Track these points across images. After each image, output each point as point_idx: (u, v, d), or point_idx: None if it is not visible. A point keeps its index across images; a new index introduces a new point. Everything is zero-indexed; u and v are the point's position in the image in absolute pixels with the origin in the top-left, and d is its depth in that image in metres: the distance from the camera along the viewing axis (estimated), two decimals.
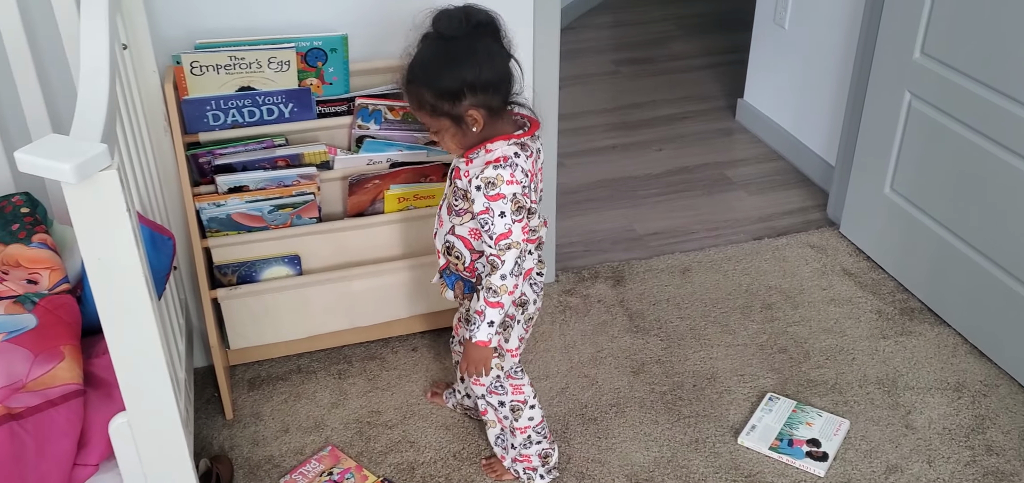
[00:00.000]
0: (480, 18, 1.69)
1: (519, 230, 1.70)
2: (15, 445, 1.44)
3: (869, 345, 2.44)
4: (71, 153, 1.29)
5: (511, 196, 1.69)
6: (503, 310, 1.74)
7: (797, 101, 3.34)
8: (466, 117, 1.69)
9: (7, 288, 1.72)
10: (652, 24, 4.85)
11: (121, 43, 1.93)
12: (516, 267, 1.72)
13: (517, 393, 1.96)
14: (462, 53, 1.66)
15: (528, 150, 1.74)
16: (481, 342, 1.76)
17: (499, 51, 1.70)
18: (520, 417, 1.98)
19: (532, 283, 1.88)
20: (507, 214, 1.69)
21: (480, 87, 1.66)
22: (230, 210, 2.13)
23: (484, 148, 1.72)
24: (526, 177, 1.71)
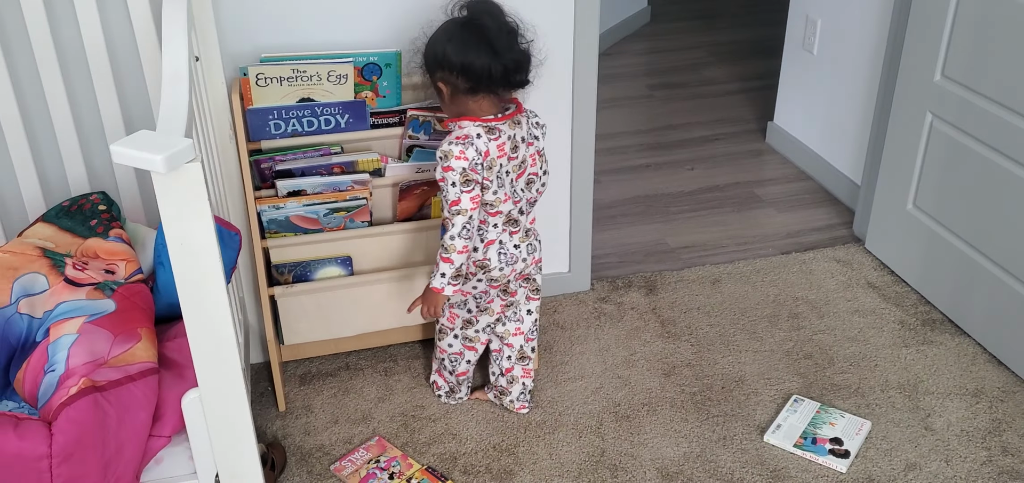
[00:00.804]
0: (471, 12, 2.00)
1: (467, 200, 1.98)
2: (98, 413, 1.58)
3: (891, 353, 2.53)
4: (161, 147, 1.45)
5: (459, 170, 1.97)
6: (454, 265, 2.04)
7: (825, 123, 3.46)
8: (438, 87, 2.03)
9: (87, 277, 1.88)
10: (686, 51, 4.99)
11: (194, 55, 2.10)
12: (464, 230, 2.01)
13: (450, 320, 2.29)
14: (442, 35, 2.00)
15: (495, 133, 2.00)
16: (434, 288, 2.07)
17: (474, 43, 1.95)
18: (442, 338, 2.32)
19: (501, 252, 2.12)
20: (457, 185, 1.97)
21: (446, 65, 1.98)
22: (288, 213, 2.28)
23: (457, 125, 2.00)
24: (480, 156, 1.98)
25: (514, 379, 2.31)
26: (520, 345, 2.29)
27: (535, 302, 2.29)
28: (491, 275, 2.14)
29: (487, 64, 1.96)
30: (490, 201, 2.05)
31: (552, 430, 2.28)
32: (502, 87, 2.01)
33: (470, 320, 2.27)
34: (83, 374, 1.63)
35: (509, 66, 1.98)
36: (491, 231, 2.09)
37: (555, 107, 2.56)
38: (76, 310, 1.78)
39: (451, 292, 2.07)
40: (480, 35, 1.96)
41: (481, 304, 2.24)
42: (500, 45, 1.96)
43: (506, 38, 1.98)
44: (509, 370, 2.31)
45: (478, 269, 2.12)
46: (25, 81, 2.12)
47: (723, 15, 5.60)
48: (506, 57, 1.97)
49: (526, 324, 2.28)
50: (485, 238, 2.09)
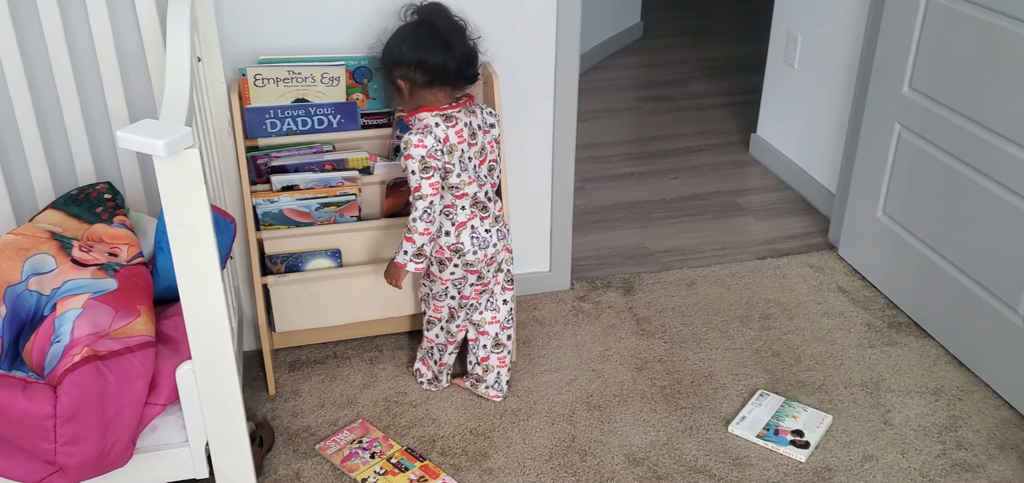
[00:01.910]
0: (421, 14, 2.22)
1: (427, 185, 2.15)
2: (100, 379, 1.71)
3: (857, 353, 2.66)
4: (163, 133, 1.58)
5: (418, 158, 2.14)
6: (416, 245, 2.21)
7: (804, 134, 3.59)
8: (397, 84, 2.22)
9: (92, 258, 2.01)
10: (674, 65, 5.13)
11: (196, 56, 2.23)
12: (425, 214, 2.17)
13: (436, 312, 2.42)
14: (398, 36, 2.22)
15: (452, 121, 2.19)
16: (397, 262, 2.25)
17: (428, 40, 2.16)
18: (430, 329, 2.46)
19: (473, 236, 2.27)
20: (416, 172, 2.15)
21: (404, 63, 2.18)
22: (282, 206, 2.41)
23: (417, 118, 2.18)
24: (438, 143, 2.15)
25: (489, 367, 2.44)
26: (495, 333, 2.42)
27: (510, 292, 2.43)
28: (466, 259, 2.28)
29: (441, 58, 2.17)
30: (455, 184, 2.22)
31: (526, 417, 2.40)
32: (455, 80, 2.21)
33: (453, 314, 2.40)
34: (86, 344, 1.76)
35: (461, 59, 2.19)
36: (460, 213, 2.25)
37: (538, 115, 2.70)
38: (81, 287, 1.92)
39: (413, 268, 2.24)
40: (433, 32, 2.18)
41: (462, 290, 2.36)
42: (452, 39, 2.19)
43: (456, 34, 2.20)
44: (485, 359, 2.43)
45: (453, 254, 2.26)
46: (39, 77, 2.25)
47: (714, 32, 5.74)
48: (457, 50, 2.19)
49: (502, 313, 2.41)
50: (456, 221, 2.25)
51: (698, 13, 6.16)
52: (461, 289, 2.36)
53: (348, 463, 2.23)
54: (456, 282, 2.34)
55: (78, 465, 1.69)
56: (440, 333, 2.44)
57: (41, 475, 1.70)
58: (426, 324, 2.45)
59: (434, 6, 2.26)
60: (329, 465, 2.24)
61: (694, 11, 6.19)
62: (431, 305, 2.41)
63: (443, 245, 2.26)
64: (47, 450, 1.66)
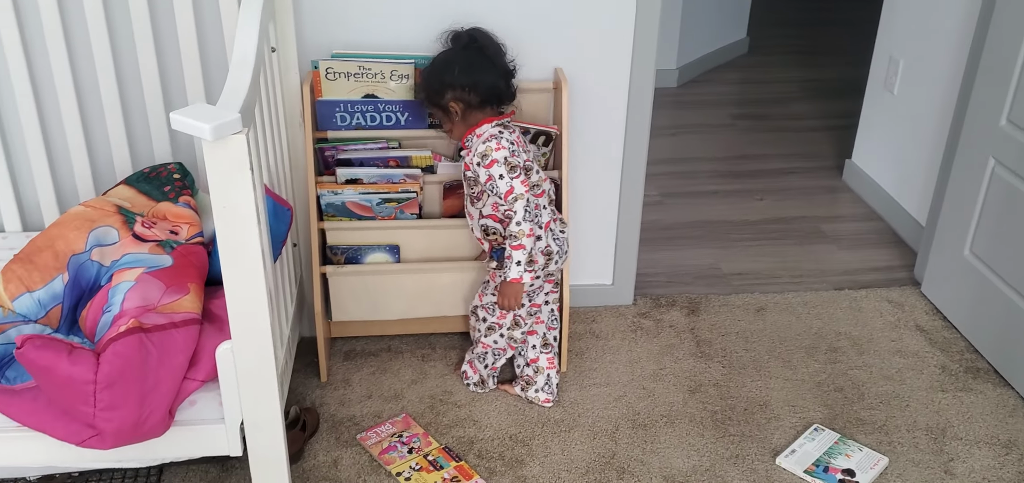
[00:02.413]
0: (467, 39, 2.25)
1: (519, 184, 2.16)
2: (141, 351, 1.78)
3: (926, 395, 2.52)
4: (212, 117, 1.64)
5: (502, 159, 2.15)
6: (526, 250, 2.19)
7: (899, 163, 3.43)
8: (448, 107, 2.23)
9: (153, 234, 2.10)
10: (776, 84, 4.99)
11: (271, 46, 2.30)
12: (527, 213, 2.16)
13: (500, 318, 2.41)
14: (445, 61, 2.25)
15: (510, 128, 2.24)
16: (514, 279, 2.21)
17: (478, 62, 2.20)
18: (490, 335, 2.43)
19: (555, 237, 2.28)
20: (505, 175, 2.16)
21: (457, 85, 2.21)
22: (345, 199, 2.46)
23: (475, 135, 2.19)
24: (512, 144, 2.19)
25: (539, 369, 2.44)
26: (543, 333, 2.43)
27: (554, 294, 2.45)
28: (549, 269, 2.30)
29: (494, 78, 2.22)
30: (536, 181, 2.25)
31: (568, 428, 2.38)
32: (503, 98, 2.25)
33: (519, 321, 2.40)
34: (133, 316, 1.84)
35: (508, 79, 2.25)
36: (544, 213, 2.28)
37: (610, 127, 2.68)
38: (138, 261, 2.01)
39: (529, 279, 2.23)
40: (481, 54, 2.23)
41: (534, 298, 2.39)
42: (499, 62, 2.24)
43: (500, 55, 2.26)
44: (534, 360, 2.44)
45: (545, 259, 2.27)
46: (123, 61, 2.37)
47: (822, 52, 5.56)
48: (503, 70, 2.24)
49: (545, 312, 2.43)
50: (541, 222, 2.27)
51: (808, 32, 5.99)
52: (533, 297, 2.38)
53: (386, 455, 2.27)
54: (530, 292, 2.35)
55: (115, 431, 1.76)
56: (499, 339, 2.44)
57: (83, 437, 1.78)
58: (486, 329, 2.45)
59: (476, 29, 2.30)
60: (367, 456, 2.27)
61: (804, 30, 6.01)
62: (496, 311, 2.41)
63: (536, 251, 2.27)
64: (87, 413, 1.75)
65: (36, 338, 1.73)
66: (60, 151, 2.46)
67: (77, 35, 2.33)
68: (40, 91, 2.38)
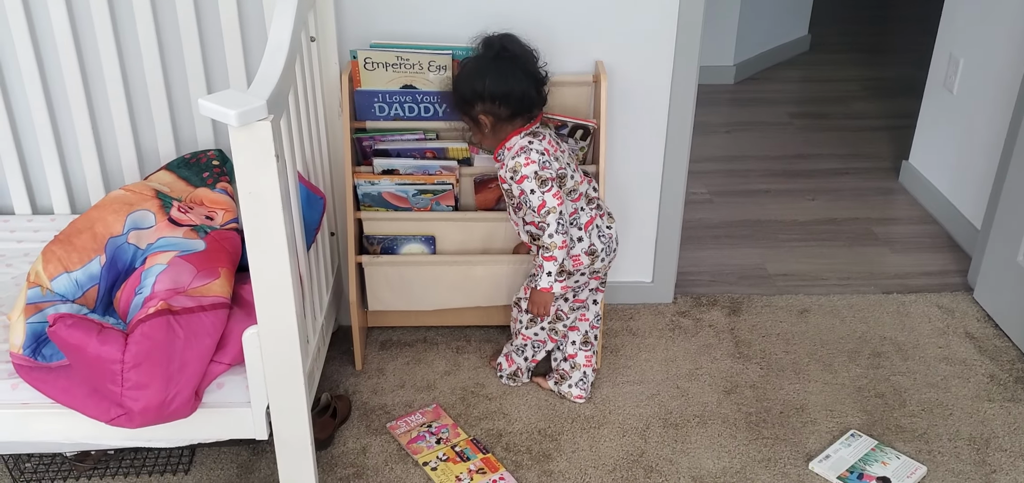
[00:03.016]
0: (499, 47, 2.17)
1: (551, 198, 2.13)
2: (169, 333, 1.82)
3: (971, 405, 2.44)
4: (238, 103, 1.66)
5: (532, 174, 2.11)
6: (557, 262, 2.17)
7: (956, 165, 3.32)
8: (479, 119, 2.19)
9: (189, 219, 2.14)
10: (837, 83, 4.87)
11: (310, 36, 2.33)
12: (559, 226, 2.14)
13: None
14: (476, 71, 2.19)
15: (540, 135, 2.19)
16: (543, 288, 2.21)
17: (510, 72, 2.14)
18: (530, 328, 2.41)
19: (599, 235, 2.25)
20: (536, 190, 2.11)
21: (488, 97, 2.16)
22: (382, 189, 2.48)
23: (506, 148, 2.16)
24: (543, 155, 2.15)
25: (576, 365, 2.42)
26: (585, 330, 2.41)
27: (601, 293, 2.42)
28: (594, 267, 2.27)
29: (525, 88, 2.17)
30: (571, 187, 2.22)
31: (598, 425, 2.36)
32: (534, 107, 2.21)
33: (561, 316, 2.39)
34: (163, 298, 1.88)
35: (539, 87, 2.20)
36: (583, 214, 2.25)
37: (652, 124, 2.65)
38: (172, 245, 2.05)
39: (559, 289, 2.23)
40: (512, 64, 2.17)
41: (578, 296, 2.37)
42: (530, 68, 2.19)
43: (531, 62, 2.20)
44: (572, 356, 2.42)
45: (589, 258, 2.25)
46: (169, 49, 2.42)
47: (885, 51, 5.41)
48: (535, 78, 2.19)
49: (591, 311, 2.41)
50: (581, 222, 2.24)
51: (872, 30, 5.82)
52: (578, 293, 2.37)
53: (414, 445, 2.28)
54: (575, 288, 2.34)
55: (141, 410, 1.81)
56: (540, 331, 2.43)
57: (111, 415, 1.83)
58: (528, 321, 2.43)
59: (507, 36, 2.24)
60: (396, 445, 2.29)
61: (868, 27, 5.85)
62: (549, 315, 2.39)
63: (579, 252, 2.26)
64: (115, 392, 1.79)
65: (67, 317, 1.78)
66: (107, 137, 2.53)
67: (124, 23, 2.39)
68: (89, 78, 2.45)
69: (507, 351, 2.51)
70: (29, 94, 2.44)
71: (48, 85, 2.46)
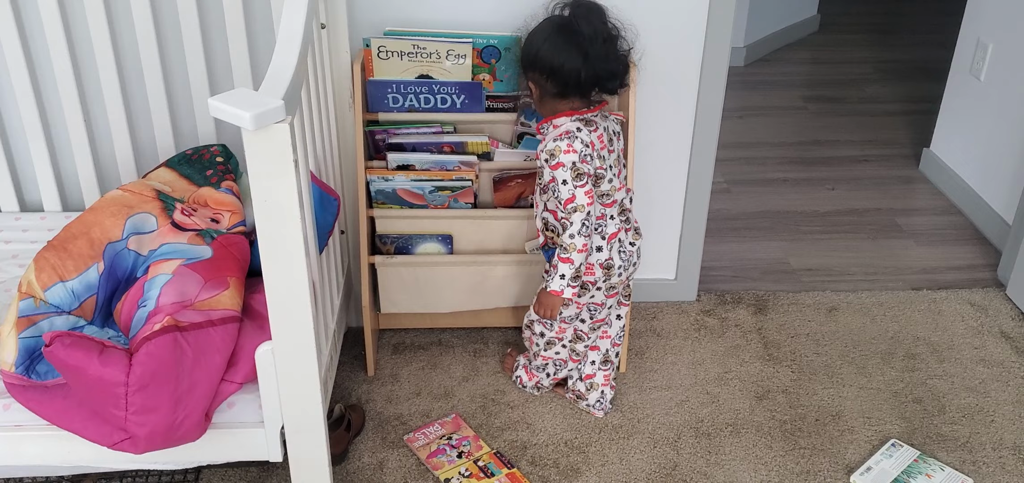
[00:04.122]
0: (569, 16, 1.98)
1: (582, 195, 1.95)
2: (176, 351, 1.68)
3: (1013, 411, 2.33)
4: (253, 104, 1.52)
5: (570, 164, 1.93)
6: (574, 265, 1.99)
7: (984, 156, 3.21)
8: (530, 86, 2.05)
9: (193, 222, 1.99)
10: (850, 65, 4.74)
11: (320, 23, 2.18)
12: (583, 227, 1.96)
13: (560, 333, 2.22)
14: (540, 34, 2.01)
15: (592, 125, 2.00)
16: (553, 291, 2.03)
17: (567, 49, 1.95)
18: (550, 348, 2.26)
19: (620, 250, 2.08)
20: (569, 181, 1.95)
21: (537, 66, 2.00)
22: (396, 185, 2.34)
23: (552, 125, 1.98)
24: (587, 148, 1.97)
25: (593, 385, 2.29)
26: (606, 349, 2.27)
27: (625, 308, 2.27)
28: (611, 282, 2.11)
29: (577, 70, 1.97)
30: (606, 190, 2.04)
31: (627, 436, 2.24)
32: (588, 90, 2.02)
33: (581, 335, 2.24)
34: (169, 313, 1.74)
35: (601, 74, 1.99)
36: (610, 224, 2.08)
37: (679, 116, 2.51)
38: (176, 252, 1.90)
39: (570, 294, 2.04)
40: (576, 40, 1.96)
41: (596, 316, 2.20)
42: (594, 52, 1.96)
43: (601, 46, 1.98)
44: (590, 376, 2.29)
45: (604, 272, 2.08)
46: (167, 35, 2.26)
47: (898, 31, 5.28)
48: (598, 65, 1.98)
49: (614, 329, 2.26)
50: (607, 232, 2.07)
51: (883, 9, 5.68)
52: (595, 314, 2.20)
53: (434, 459, 2.15)
54: (593, 308, 2.18)
55: (148, 435, 1.67)
56: (561, 350, 2.28)
57: (114, 440, 1.69)
58: (545, 344, 2.27)
59: (586, 6, 2.01)
60: (414, 459, 2.16)
61: (879, 6, 5.71)
62: (554, 326, 2.23)
63: (594, 262, 2.08)
64: (118, 416, 1.65)
65: (65, 336, 1.63)
66: (101, 129, 2.37)
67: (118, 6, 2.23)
68: (79, 64, 2.28)
69: (525, 364, 2.36)
70: (15, 81, 2.26)
71: (35, 72, 2.29)
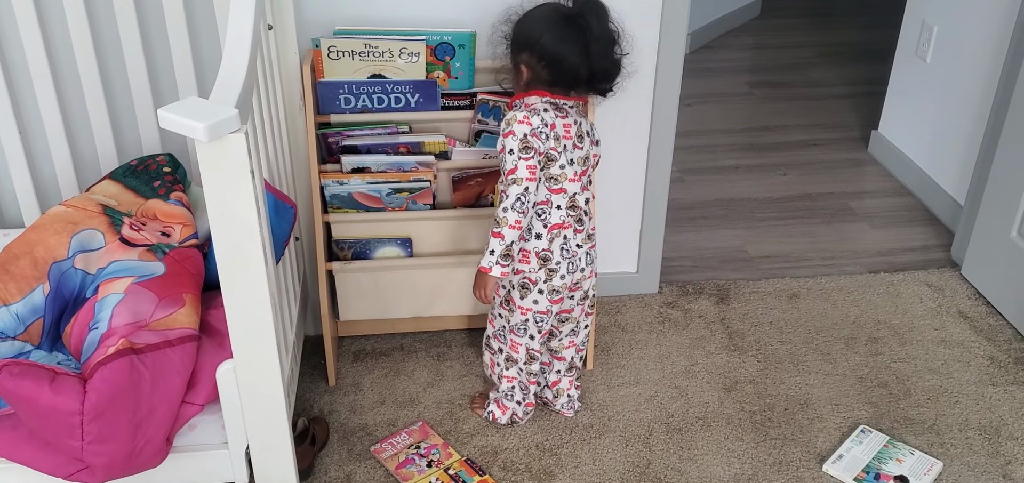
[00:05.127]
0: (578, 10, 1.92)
1: (524, 167, 1.90)
2: (133, 376, 1.59)
3: (976, 390, 2.36)
4: (206, 114, 1.45)
5: (521, 135, 1.90)
6: (504, 242, 1.93)
7: (932, 137, 3.25)
8: (519, 67, 1.97)
9: (143, 237, 1.90)
10: (793, 49, 4.78)
11: (267, 23, 2.10)
12: (518, 202, 1.91)
13: (514, 349, 2.14)
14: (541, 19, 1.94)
15: (562, 112, 1.96)
16: (482, 268, 1.96)
17: (572, 42, 1.90)
18: (510, 368, 2.16)
19: (564, 247, 2.01)
20: (515, 151, 1.90)
21: (536, 52, 1.92)
22: (352, 189, 2.27)
23: (523, 101, 1.95)
24: (545, 127, 1.92)
25: (560, 391, 2.25)
26: (571, 357, 2.22)
27: (591, 316, 2.22)
28: (553, 284, 2.03)
29: (577, 65, 1.92)
30: (556, 175, 1.96)
31: (598, 435, 2.21)
32: (583, 89, 1.98)
33: (533, 355, 2.15)
34: (123, 335, 1.65)
35: (597, 73, 1.94)
36: (554, 213, 1.99)
37: (636, 102, 2.47)
38: (126, 270, 1.81)
39: (499, 274, 1.95)
40: (581, 34, 1.91)
41: (544, 327, 2.11)
42: (596, 50, 1.92)
43: (604, 45, 1.93)
44: (556, 383, 2.25)
45: (540, 264, 2.01)
46: (105, 39, 2.16)
47: (838, 14, 5.35)
48: (597, 64, 1.93)
49: (580, 337, 2.21)
50: (549, 222, 1.99)
51: None
52: (542, 326, 2.11)
53: (403, 470, 2.09)
54: (538, 317, 2.08)
55: (106, 465, 1.59)
56: (520, 371, 2.18)
57: (69, 471, 1.60)
58: (506, 362, 2.17)
59: (595, 3, 1.94)
60: (383, 470, 2.10)
61: None
62: (508, 340, 2.14)
63: (529, 249, 2.00)
64: (73, 447, 1.57)
65: (12, 365, 1.54)
66: (38, 141, 2.25)
67: (50, 9, 2.11)
68: (12, 73, 2.17)
69: (495, 397, 2.24)
70: None
71: None
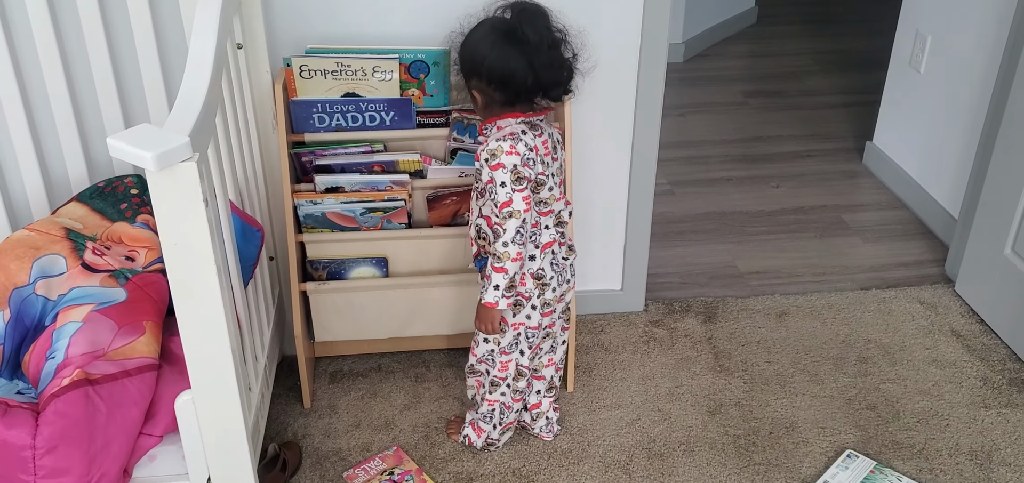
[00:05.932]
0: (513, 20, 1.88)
1: (519, 199, 1.85)
2: (88, 408, 1.55)
3: (968, 413, 2.30)
4: (155, 143, 1.40)
5: (511, 167, 1.84)
6: (508, 275, 1.89)
7: (926, 148, 3.19)
8: (473, 93, 1.94)
9: (106, 263, 1.86)
10: (788, 57, 4.73)
11: (236, 42, 2.06)
12: (518, 235, 1.86)
13: (503, 368, 2.08)
14: (481, 40, 1.90)
15: (537, 130, 1.91)
16: (488, 303, 1.92)
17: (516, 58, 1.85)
18: (494, 391, 2.11)
19: (553, 263, 1.98)
20: (507, 184, 1.85)
21: (483, 76, 1.89)
22: (325, 209, 2.22)
23: (496, 126, 1.90)
24: (530, 152, 1.87)
25: (539, 413, 2.20)
26: (551, 376, 2.17)
27: (568, 330, 2.18)
28: (544, 298, 1.99)
29: (526, 80, 1.87)
30: (545, 199, 1.94)
31: (577, 460, 2.16)
32: (535, 96, 1.92)
33: (522, 371, 2.11)
34: (79, 365, 1.61)
35: (545, 82, 1.89)
36: (544, 233, 1.96)
37: (618, 115, 2.42)
38: (86, 297, 1.77)
39: (505, 305, 1.93)
40: (521, 49, 1.85)
41: (533, 342, 2.07)
42: (539, 61, 1.86)
43: (547, 54, 1.87)
44: (536, 406, 2.20)
45: (535, 283, 1.97)
46: (74, 59, 2.12)
47: (835, 22, 5.29)
48: (544, 75, 1.88)
49: (558, 354, 2.16)
50: (540, 242, 1.96)
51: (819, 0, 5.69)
52: (532, 341, 2.06)
53: None
54: (529, 333, 2.04)
55: None
56: (507, 391, 2.13)
57: None
58: (490, 385, 2.11)
59: (530, 10, 1.89)
60: None
61: None
62: (497, 362, 2.08)
63: (526, 272, 1.96)
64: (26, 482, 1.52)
65: None
66: (7, 161, 2.21)
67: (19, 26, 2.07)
68: None
69: (471, 420, 2.20)
70: None
71: None
